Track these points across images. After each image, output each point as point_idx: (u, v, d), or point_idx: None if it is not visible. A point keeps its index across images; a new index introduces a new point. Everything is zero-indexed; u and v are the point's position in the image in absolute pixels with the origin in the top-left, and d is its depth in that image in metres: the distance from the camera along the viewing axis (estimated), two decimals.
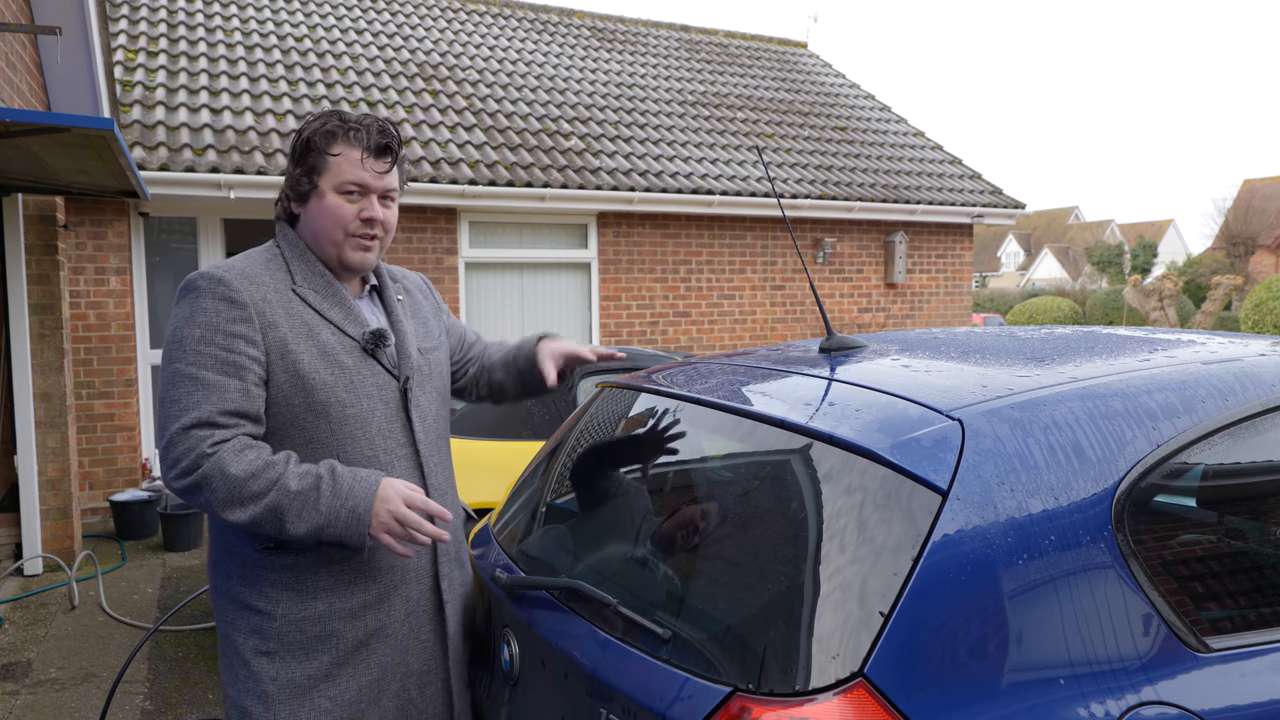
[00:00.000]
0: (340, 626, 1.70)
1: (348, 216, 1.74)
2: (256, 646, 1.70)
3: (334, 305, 1.76)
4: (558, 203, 7.90)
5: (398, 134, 1.80)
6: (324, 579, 1.70)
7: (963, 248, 10.40)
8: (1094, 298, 29.09)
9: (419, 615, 1.80)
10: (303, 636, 1.69)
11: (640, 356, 4.66)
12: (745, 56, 12.40)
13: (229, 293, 1.66)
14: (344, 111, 1.78)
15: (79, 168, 4.70)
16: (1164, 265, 40.31)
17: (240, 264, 1.74)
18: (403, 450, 1.78)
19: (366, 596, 1.72)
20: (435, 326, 1.98)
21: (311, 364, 1.69)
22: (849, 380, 1.68)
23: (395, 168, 1.79)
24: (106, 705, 2.49)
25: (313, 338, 1.71)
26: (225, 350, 1.62)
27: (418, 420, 1.81)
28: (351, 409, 1.71)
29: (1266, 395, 1.61)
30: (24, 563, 5.38)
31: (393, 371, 1.79)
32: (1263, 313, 19.16)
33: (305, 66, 8.61)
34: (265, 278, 1.72)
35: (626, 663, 1.44)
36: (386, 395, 1.77)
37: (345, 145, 1.73)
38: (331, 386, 1.70)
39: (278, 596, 1.69)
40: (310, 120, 1.78)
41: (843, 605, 1.27)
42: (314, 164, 1.74)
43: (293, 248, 1.79)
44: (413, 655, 1.79)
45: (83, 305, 6.63)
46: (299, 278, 1.75)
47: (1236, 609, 1.48)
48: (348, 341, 1.75)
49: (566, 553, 1.87)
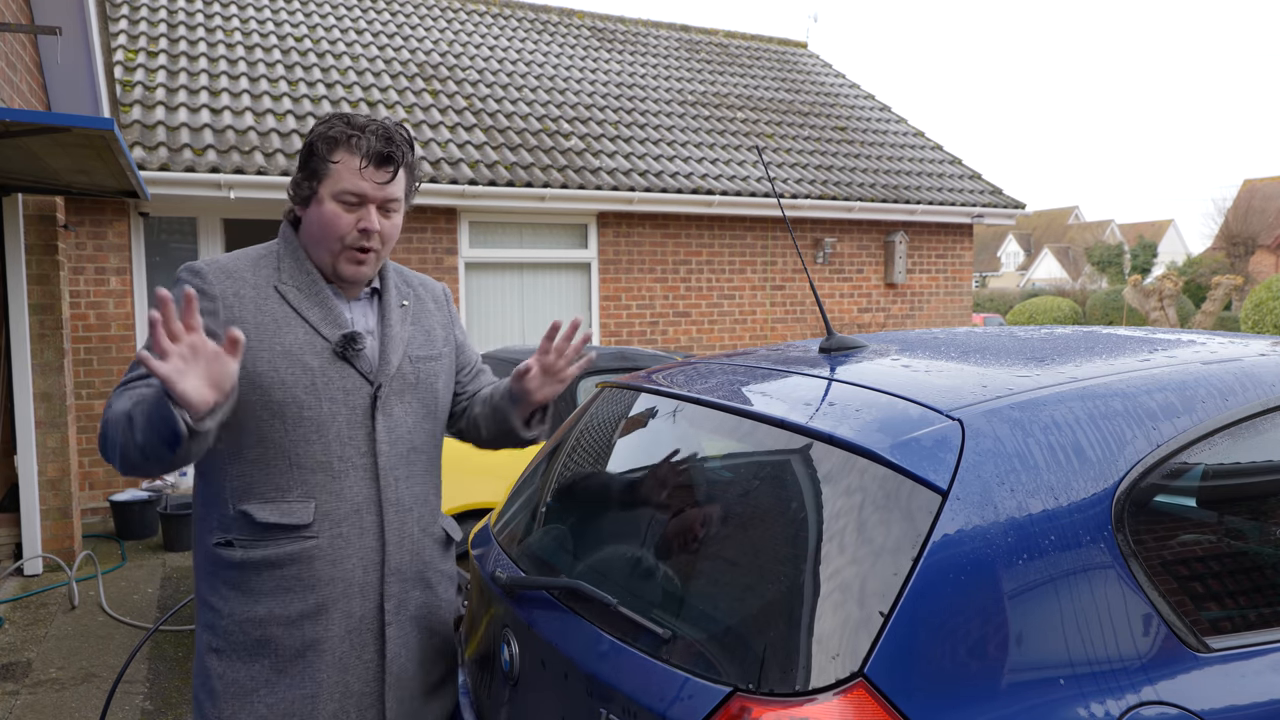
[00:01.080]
0: (279, 634, 1.68)
1: (344, 227, 1.70)
2: (209, 642, 1.71)
3: (314, 305, 1.72)
4: (558, 203, 7.90)
5: (406, 140, 1.74)
6: (266, 582, 1.67)
7: (963, 248, 10.40)
8: (1094, 298, 29.10)
9: (362, 634, 1.73)
10: (245, 638, 1.68)
11: (640, 356, 4.66)
12: (745, 56, 12.40)
13: (202, 284, 1.66)
14: (352, 116, 1.72)
15: (79, 168, 4.70)
16: (1164, 265, 40.31)
17: (227, 259, 1.73)
18: (361, 460, 1.71)
19: (304, 606, 1.68)
20: (440, 337, 1.91)
21: (271, 362, 1.66)
22: (849, 380, 1.68)
23: (398, 176, 1.73)
24: (106, 705, 2.50)
25: (278, 336, 1.68)
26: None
27: (384, 430, 1.74)
28: (309, 411, 1.67)
29: (1266, 395, 1.61)
30: (24, 563, 5.38)
31: (366, 376, 1.74)
32: (1263, 313, 19.16)
33: (305, 66, 8.61)
34: (248, 274, 1.71)
35: (626, 663, 1.44)
36: (354, 401, 1.72)
37: (346, 153, 1.68)
38: (290, 386, 1.66)
39: (227, 594, 1.69)
40: (318, 123, 1.75)
41: (843, 605, 1.27)
42: (315, 169, 1.70)
43: (288, 245, 1.77)
44: (354, 675, 1.72)
45: (83, 305, 6.63)
46: (285, 275, 1.73)
47: (1236, 609, 1.48)
48: (319, 342, 1.71)
49: (566, 553, 1.87)
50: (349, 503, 1.71)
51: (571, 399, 4.35)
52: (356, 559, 1.71)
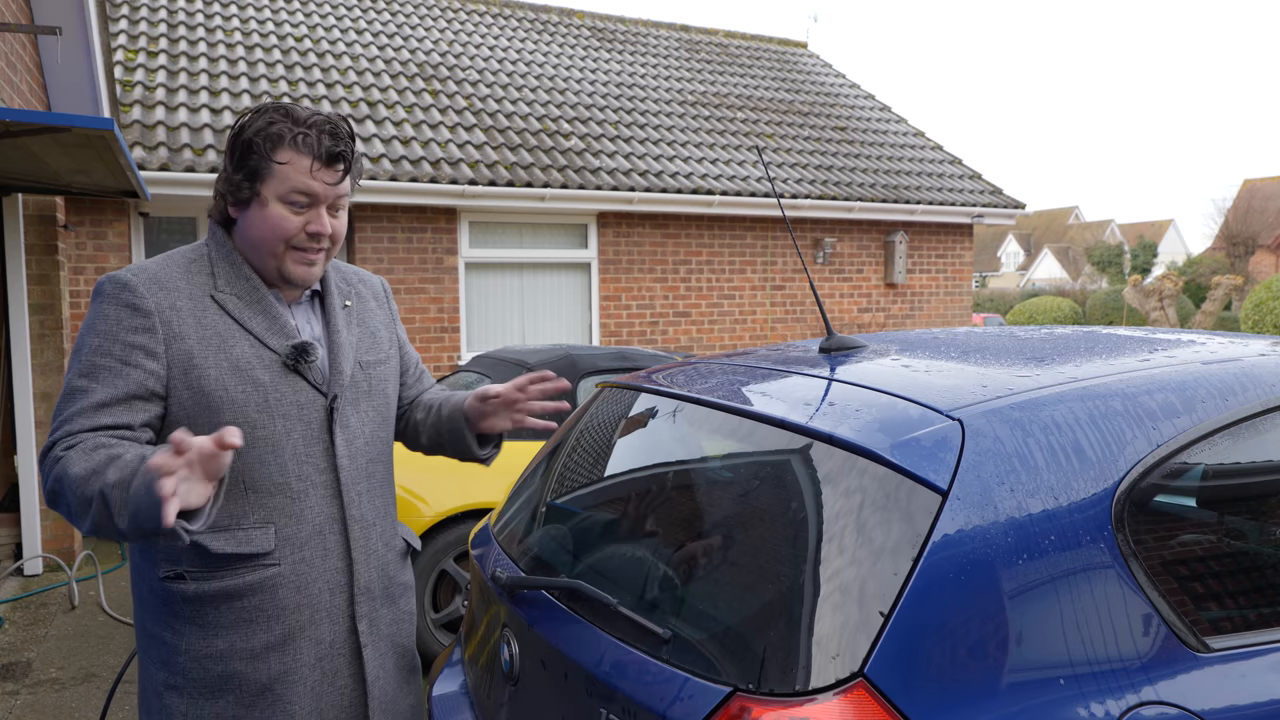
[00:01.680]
0: (242, 668, 1.57)
1: (291, 229, 1.57)
2: (165, 680, 1.59)
3: (257, 314, 1.60)
4: (558, 203, 7.90)
5: (351, 134, 1.62)
6: (225, 615, 1.56)
7: (963, 248, 10.40)
8: (1094, 298, 29.11)
9: (333, 660, 1.64)
10: (205, 674, 1.57)
11: (640, 356, 4.66)
12: (745, 56, 12.40)
13: (133, 299, 1.52)
14: (291, 108, 1.58)
15: (79, 168, 4.70)
16: (1164, 265, 40.31)
17: (155, 267, 1.58)
18: (320, 477, 1.62)
19: (269, 637, 1.57)
20: (385, 338, 1.81)
21: (219, 380, 1.53)
22: (849, 380, 1.68)
23: (347, 174, 1.61)
24: (106, 705, 2.49)
25: (224, 351, 1.55)
26: (120, 362, 1.49)
27: (343, 444, 1.64)
28: (262, 430, 1.55)
29: (1266, 395, 1.61)
30: (24, 563, 5.38)
31: (320, 388, 1.63)
32: (1263, 313, 19.16)
33: (305, 66, 8.61)
34: (181, 282, 1.57)
35: (626, 663, 1.44)
36: (308, 415, 1.61)
37: (293, 152, 1.54)
38: (241, 405, 1.54)
39: (182, 629, 1.57)
40: (251, 116, 1.57)
41: (842, 605, 1.27)
42: (256, 168, 1.55)
43: (221, 249, 1.63)
44: (328, 704, 1.63)
45: (83, 305, 6.63)
46: (221, 282, 1.60)
47: (1236, 609, 1.48)
48: (267, 355, 1.59)
49: (566, 553, 1.87)
50: (310, 524, 1.61)
51: (572, 399, 4.35)
52: (322, 583, 1.62)
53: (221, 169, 1.62)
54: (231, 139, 1.59)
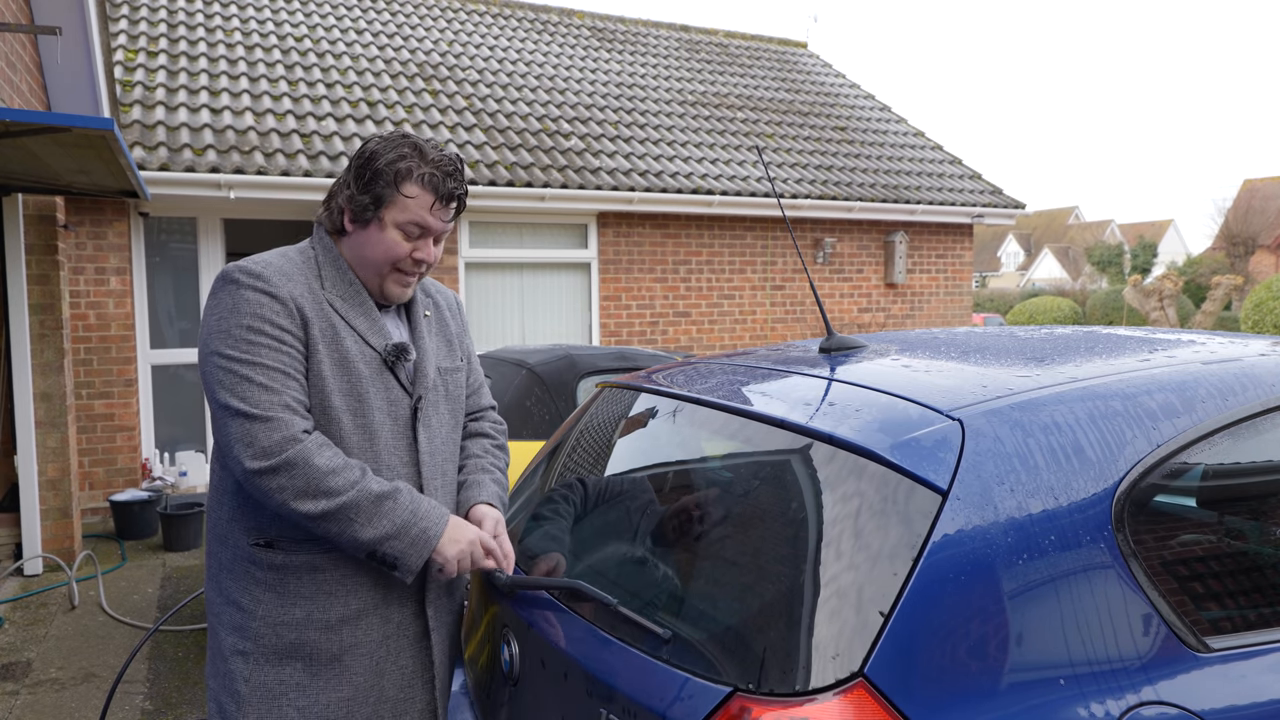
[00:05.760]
0: (315, 637, 1.67)
1: (401, 254, 1.72)
2: (234, 645, 1.69)
3: (359, 314, 1.73)
4: (558, 203, 7.90)
5: (463, 174, 1.77)
6: (305, 585, 1.67)
7: (963, 248, 10.40)
8: (1094, 298, 29.10)
9: (398, 639, 1.75)
10: (278, 641, 1.67)
11: (640, 356, 4.66)
12: (745, 56, 12.40)
13: (268, 287, 1.64)
14: (420, 144, 1.72)
15: (79, 168, 4.70)
16: (1164, 265, 40.29)
17: (278, 260, 1.71)
18: (405, 470, 1.74)
19: (344, 611, 1.68)
20: (458, 348, 1.95)
21: (332, 369, 1.67)
22: (849, 380, 1.68)
23: (460, 212, 1.78)
24: (106, 705, 2.50)
25: (336, 343, 1.69)
26: (277, 341, 1.62)
27: (425, 440, 1.77)
28: (362, 419, 1.69)
29: (1266, 395, 1.61)
30: (24, 563, 5.38)
31: (407, 388, 1.76)
32: (1263, 313, 19.15)
33: (305, 66, 8.61)
34: (299, 278, 1.70)
35: (626, 663, 1.44)
36: (396, 412, 1.74)
37: (419, 188, 1.69)
38: (346, 394, 1.68)
39: (260, 596, 1.67)
40: (384, 143, 1.72)
41: (842, 605, 1.27)
42: (381, 194, 1.69)
43: (328, 254, 1.76)
44: (389, 680, 1.74)
45: (83, 305, 6.63)
46: (328, 283, 1.73)
47: (1236, 609, 1.48)
48: (368, 352, 1.72)
49: (566, 553, 1.87)
50: None
51: (571, 399, 4.34)
52: None
53: (344, 185, 1.74)
54: (360, 160, 1.72)
